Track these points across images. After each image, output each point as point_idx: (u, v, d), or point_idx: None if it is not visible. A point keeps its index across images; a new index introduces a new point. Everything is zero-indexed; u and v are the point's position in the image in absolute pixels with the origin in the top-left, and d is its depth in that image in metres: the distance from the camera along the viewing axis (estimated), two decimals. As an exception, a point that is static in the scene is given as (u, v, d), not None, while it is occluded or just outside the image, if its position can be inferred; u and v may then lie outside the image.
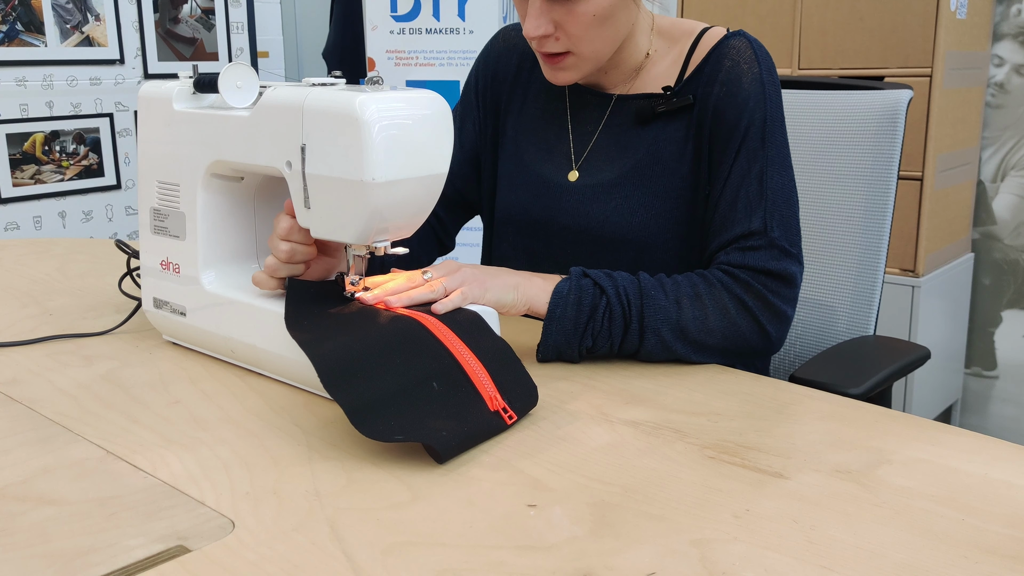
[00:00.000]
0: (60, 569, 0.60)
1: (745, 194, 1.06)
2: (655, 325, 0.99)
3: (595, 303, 0.99)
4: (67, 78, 2.83)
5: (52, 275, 1.42)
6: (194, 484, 0.72)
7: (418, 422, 0.78)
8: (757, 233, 1.05)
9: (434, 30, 2.89)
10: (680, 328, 1.00)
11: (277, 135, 0.91)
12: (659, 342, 0.99)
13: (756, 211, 1.06)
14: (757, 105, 1.07)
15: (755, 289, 1.03)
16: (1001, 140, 2.51)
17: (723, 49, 1.10)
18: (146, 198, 1.06)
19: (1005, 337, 2.57)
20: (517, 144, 1.22)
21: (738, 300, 1.03)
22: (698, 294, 1.02)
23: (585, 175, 1.15)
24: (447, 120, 0.91)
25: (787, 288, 1.05)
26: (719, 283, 1.03)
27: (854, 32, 2.29)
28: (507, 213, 1.22)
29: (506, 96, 1.25)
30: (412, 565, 0.61)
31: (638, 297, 1.00)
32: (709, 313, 1.01)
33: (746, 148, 1.07)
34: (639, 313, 0.99)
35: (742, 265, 1.05)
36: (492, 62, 1.27)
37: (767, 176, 1.07)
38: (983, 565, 0.61)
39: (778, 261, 1.05)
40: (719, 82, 1.09)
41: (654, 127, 1.12)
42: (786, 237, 1.06)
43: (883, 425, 0.84)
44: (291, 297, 0.92)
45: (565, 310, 0.99)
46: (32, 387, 0.94)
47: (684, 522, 0.67)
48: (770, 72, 1.10)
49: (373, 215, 0.87)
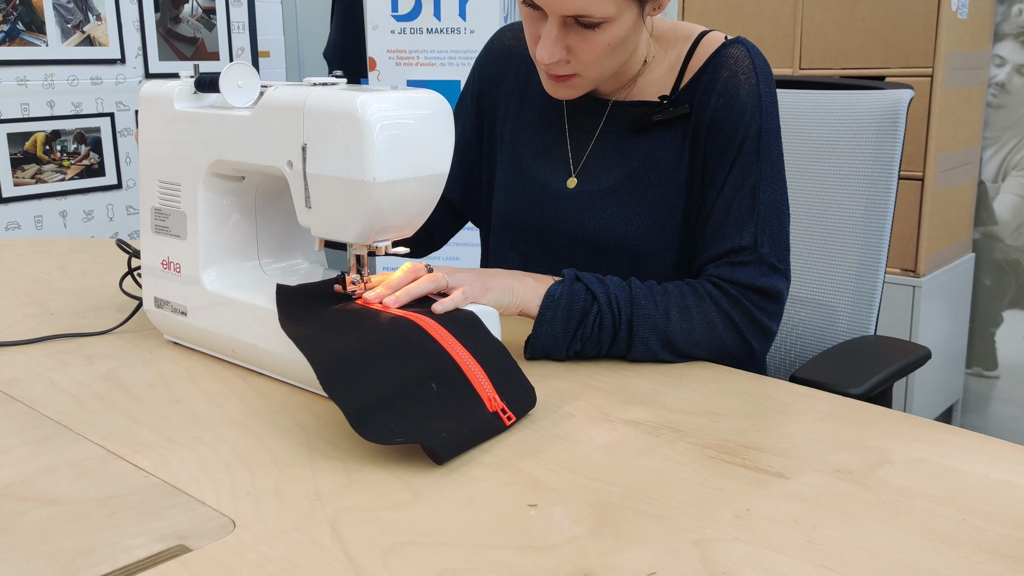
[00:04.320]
0: (61, 568, 0.60)
1: (737, 208, 1.07)
2: (643, 335, 1.01)
3: (586, 309, 1.00)
4: (68, 77, 2.83)
5: (53, 274, 1.42)
6: (195, 484, 0.72)
7: (418, 423, 0.78)
8: (747, 248, 1.06)
9: (435, 30, 2.89)
10: (667, 339, 1.02)
11: (278, 135, 0.91)
12: (646, 350, 1.01)
13: (747, 226, 1.07)
14: (753, 117, 1.07)
15: (743, 305, 1.05)
16: (1002, 140, 2.51)
17: (721, 58, 1.09)
18: (147, 198, 1.06)
19: (1006, 337, 2.57)
20: (515, 148, 1.22)
21: (725, 315, 1.04)
22: (687, 306, 1.03)
23: (583, 182, 1.15)
24: (448, 120, 0.91)
25: (773, 304, 1.07)
26: (708, 296, 1.05)
27: (855, 32, 2.29)
28: (504, 217, 1.22)
29: (504, 99, 1.25)
30: (412, 565, 0.61)
31: (628, 305, 1.01)
32: (696, 326, 1.03)
33: (740, 161, 1.07)
34: (628, 321, 1.00)
35: (731, 280, 1.06)
36: (490, 65, 1.27)
37: (760, 190, 1.07)
38: (984, 565, 0.61)
39: (767, 277, 1.06)
40: (716, 93, 1.08)
41: (651, 135, 1.12)
42: (775, 253, 1.07)
43: (884, 425, 0.84)
44: (281, 300, 0.92)
45: (556, 313, 1.00)
46: (33, 386, 0.94)
47: (685, 522, 0.67)
48: (767, 83, 1.09)
49: (374, 215, 0.87)
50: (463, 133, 1.28)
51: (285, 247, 1.07)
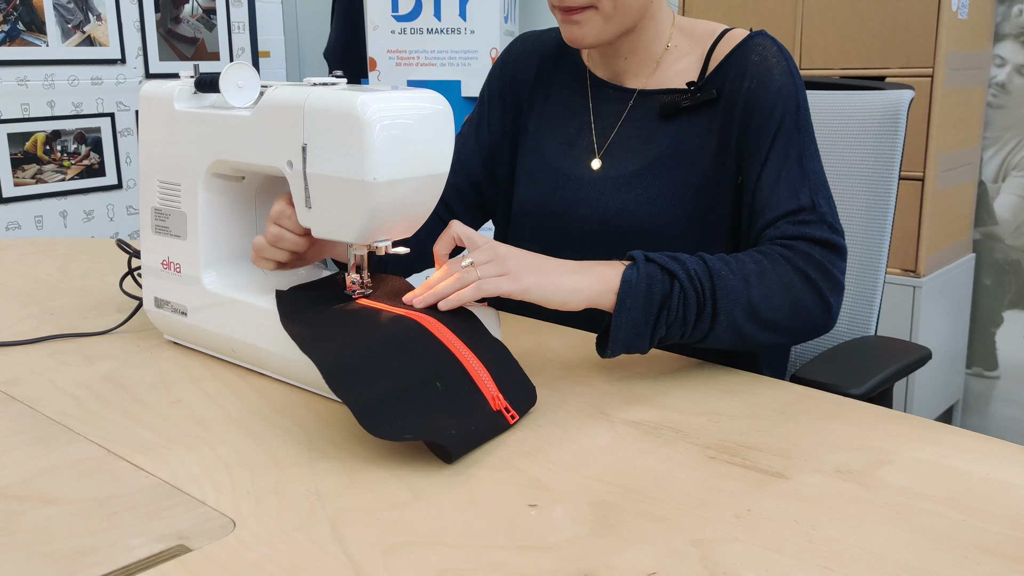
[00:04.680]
0: (61, 569, 0.60)
1: (787, 176, 1.07)
2: (728, 307, 0.95)
3: (665, 290, 0.93)
4: (68, 78, 2.83)
5: (53, 275, 1.42)
6: (195, 484, 0.72)
7: (426, 421, 0.78)
8: (807, 209, 1.05)
9: (435, 30, 2.89)
10: (751, 307, 0.97)
11: (278, 135, 0.91)
12: (730, 325, 0.96)
13: (802, 190, 1.06)
14: (790, 95, 1.09)
15: (815, 260, 1.02)
16: (1002, 140, 2.51)
17: (748, 46, 1.12)
18: (147, 198, 1.06)
19: (1006, 337, 2.57)
20: (538, 139, 1.24)
21: (801, 272, 1.00)
22: (763, 271, 0.99)
23: (607, 167, 1.16)
24: (448, 120, 0.91)
25: (841, 260, 1.04)
26: (780, 257, 1.01)
27: (855, 32, 2.29)
28: (525, 207, 1.23)
29: (527, 96, 1.27)
30: (413, 565, 0.61)
31: (708, 279, 0.95)
32: (775, 290, 0.99)
33: (782, 135, 1.08)
34: (712, 296, 0.95)
35: (799, 236, 1.03)
36: (511, 65, 1.29)
37: (805, 159, 1.08)
38: (984, 565, 0.61)
39: (832, 234, 1.04)
40: (748, 76, 1.10)
41: (677, 121, 1.14)
42: (832, 215, 1.06)
43: (884, 425, 0.84)
44: (281, 303, 0.92)
45: (635, 300, 0.92)
46: (33, 387, 0.94)
47: (685, 522, 0.67)
48: (795, 67, 1.12)
49: (374, 215, 0.87)
50: (490, 128, 1.29)
51: (285, 247, 1.07)
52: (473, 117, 1.32)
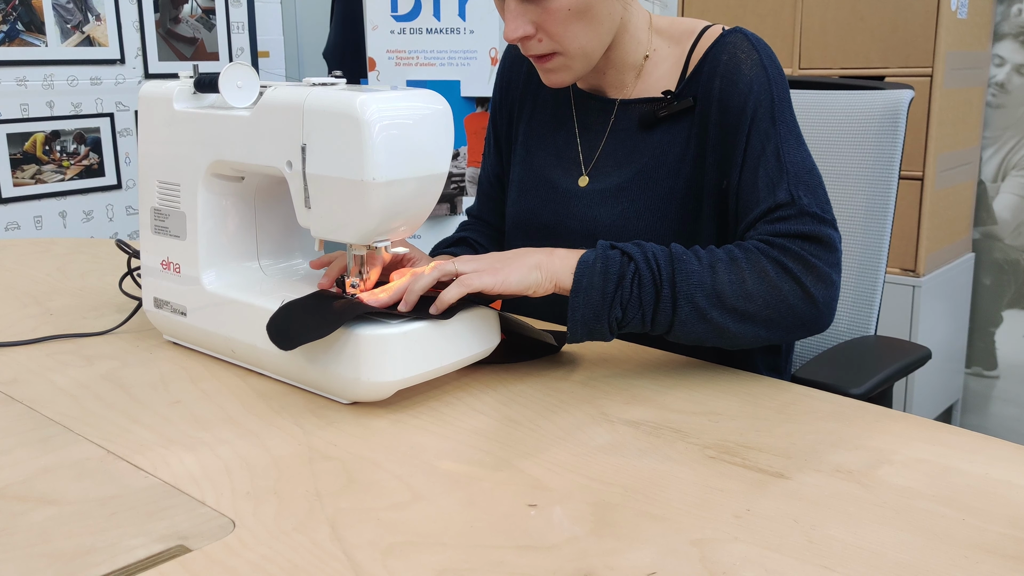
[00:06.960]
0: (61, 569, 0.60)
1: (764, 172, 1.04)
2: (688, 291, 0.94)
3: (622, 270, 0.94)
4: (68, 78, 2.83)
5: (53, 275, 1.42)
6: (195, 484, 0.72)
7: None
8: (784, 205, 1.02)
9: (435, 30, 2.89)
10: (716, 294, 0.95)
11: (278, 135, 0.91)
12: (694, 310, 0.94)
13: (779, 185, 1.03)
14: (762, 88, 1.06)
15: (793, 252, 0.98)
16: (1002, 140, 2.51)
17: (720, 46, 1.09)
18: (147, 198, 1.06)
19: (1006, 337, 2.57)
20: (528, 149, 1.24)
21: (776, 262, 0.97)
22: (734, 258, 0.97)
23: (594, 181, 1.16)
24: (447, 120, 0.91)
25: (827, 252, 1.00)
26: (756, 250, 0.98)
27: (855, 32, 2.29)
28: (517, 218, 1.23)
29: (518, 104, 1.27)
30: (412, 565, 0.61)
31: (668, 263, 0.95)
32: (747, 277, 0.96)
33: (756, 130, 1.05)
34: (670, 279, 0.94)
35: (776, 234, 1.00)
36: (505, 72, 1.29)
37: (783, 151, 1.04)
38: (983, 565, 0.61)
39: (814, 226, 1.00)
40: (719, 76, 1.08)
41: (658, 131, 1.12)
42: (816, 204, 1.02)
43: (884, 425, 0.84)
44: (280, 309, 0.92)
45: (592, 279, 0.94)
46: (33, 387, 0.94)
47: (685, 522, 0.67)
48: (770, 58, 1.09)
49: (373, 215, 0.87)
50: (496, 136, 1.31)
51: (285, 247, 1.07)
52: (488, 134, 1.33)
